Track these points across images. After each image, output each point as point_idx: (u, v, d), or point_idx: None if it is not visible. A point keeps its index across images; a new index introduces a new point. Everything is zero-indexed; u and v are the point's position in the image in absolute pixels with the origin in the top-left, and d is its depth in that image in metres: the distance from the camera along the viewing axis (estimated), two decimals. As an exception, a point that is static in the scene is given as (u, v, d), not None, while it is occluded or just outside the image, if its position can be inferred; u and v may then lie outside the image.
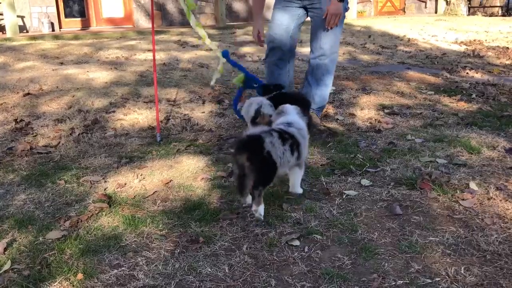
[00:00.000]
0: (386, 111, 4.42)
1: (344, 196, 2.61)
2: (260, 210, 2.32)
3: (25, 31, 11.26)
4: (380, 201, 2.55)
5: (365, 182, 2.78)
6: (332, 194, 2.64)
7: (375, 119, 4.14)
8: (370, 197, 2.60)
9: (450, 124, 3.96)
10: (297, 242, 2.15)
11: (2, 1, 9.45)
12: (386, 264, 1.97)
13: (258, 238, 2.21)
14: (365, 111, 4.43)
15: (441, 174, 2.82)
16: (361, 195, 2.63)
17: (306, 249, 2.10)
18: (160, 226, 2.33)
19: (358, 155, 3.20)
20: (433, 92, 5.17)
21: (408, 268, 1.94)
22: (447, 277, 1.87)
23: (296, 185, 2.61)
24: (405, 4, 18.04)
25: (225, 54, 3.69)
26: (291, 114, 2.63)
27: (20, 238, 2.23)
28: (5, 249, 2.12)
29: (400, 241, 2.15)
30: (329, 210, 2.45)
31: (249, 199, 2.42)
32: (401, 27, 11.76)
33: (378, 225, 2.30)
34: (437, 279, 1.86)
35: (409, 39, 9.94)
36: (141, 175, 2.95)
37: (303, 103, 3.15)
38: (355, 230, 2.24)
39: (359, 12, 16.04)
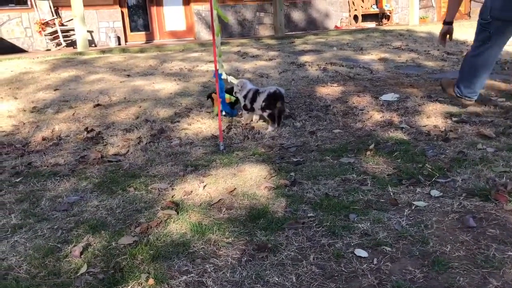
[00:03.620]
0: (454, 119, 4.24)
1: (413, 207, 2.53)
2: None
3: (93, 45, 11.86)
4: (451, 212, 2.45)
5: (434, 192, 2.68)
6: (400, 205, 2.57)
7: (443, 127, 3.99)
8: (440, 209, 2.49)
9: (525, 132, 3.74)
10: (365, 254, 2.10)
11: (74, 17, 10.01)
12: (461, 279, 1.88)
13: (324, 248, 2.18)
14: (432, 119, 4.28)
15: (518, 185, 2.66)
16: (431, 206, 2.53)
17: (375, 261, 2.05)
18: (227, 233, 2.35)
19: (426, 164, 3.09)
20: (504, 99, 4.91)
21: (485, 284, 1.84)
22: (529, 295, 1.76)
23: None
24: (470, 8, 17.33)
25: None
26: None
27: (94, 243, 2.33)
28: (81, 253, 2.22)
29: (476, 255, 2.04)
30: (397, 221, 2.38)
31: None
32: (467, 32, 11.28)
33: (451, 237, 2.20)
34: (519, 296, 1.75)
35: (476, 44, 9.51)
36: (206, 183, 3.01)
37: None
38: (426, 243, 2.16)
39: (421, 18, 15.60)
